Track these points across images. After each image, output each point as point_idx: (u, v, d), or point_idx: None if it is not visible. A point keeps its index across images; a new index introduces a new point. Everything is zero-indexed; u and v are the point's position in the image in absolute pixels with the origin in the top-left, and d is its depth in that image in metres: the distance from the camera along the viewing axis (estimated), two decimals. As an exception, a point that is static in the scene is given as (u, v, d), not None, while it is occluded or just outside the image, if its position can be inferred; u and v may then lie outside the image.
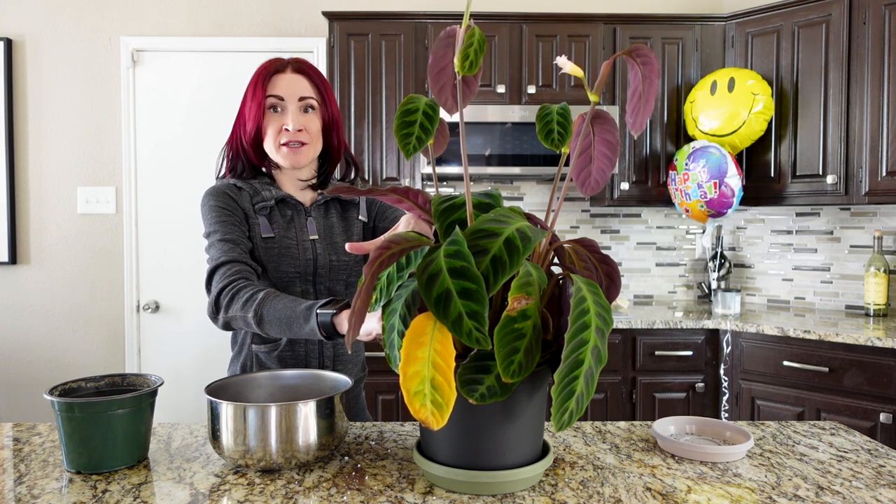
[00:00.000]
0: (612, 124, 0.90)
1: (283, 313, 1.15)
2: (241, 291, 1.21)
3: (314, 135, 1.37)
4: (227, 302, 1.21)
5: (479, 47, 0.86)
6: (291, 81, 1.35)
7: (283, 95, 1.34)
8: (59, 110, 3.14)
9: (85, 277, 3.15)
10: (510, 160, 2.82)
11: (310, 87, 1.36)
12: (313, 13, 3.18)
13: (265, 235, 1.34)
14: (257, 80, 1.35)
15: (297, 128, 1.34)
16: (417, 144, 0.92)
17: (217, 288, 1.23)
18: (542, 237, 0.79)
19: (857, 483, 0.93)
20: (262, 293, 1.19)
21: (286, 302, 1.16)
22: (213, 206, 1.33)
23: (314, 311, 1.11)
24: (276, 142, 1.35)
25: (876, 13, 2.54)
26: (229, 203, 1.34)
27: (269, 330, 1.18)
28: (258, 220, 1.35)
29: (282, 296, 1.19)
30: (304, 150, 1.36)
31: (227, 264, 1.26)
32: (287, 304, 1.16)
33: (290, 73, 1.36)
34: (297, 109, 1.35)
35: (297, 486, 0.91)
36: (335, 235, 1.42)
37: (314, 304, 1.13)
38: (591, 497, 0.88)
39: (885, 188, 2.55)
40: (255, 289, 1.20)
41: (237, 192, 1.37)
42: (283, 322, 1.15)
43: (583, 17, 2.91)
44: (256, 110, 1.34)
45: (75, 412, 0.94)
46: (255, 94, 1.34)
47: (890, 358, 2.26)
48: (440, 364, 0.76)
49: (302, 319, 1.13)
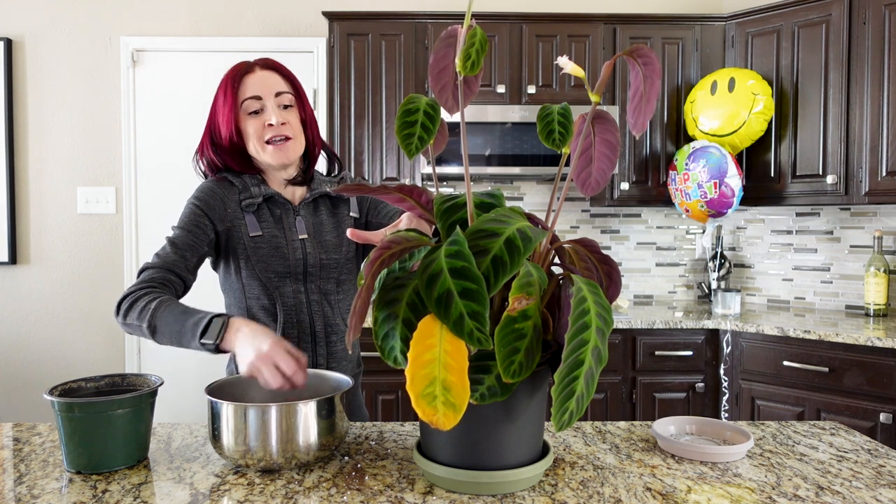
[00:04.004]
0: (612, 124, 0.90)
1: (174, 327, 1.13)
2: (139, 300, 1.18)
3: (297, 129, 1.36)
4: (126, 309, 1.19)
5: (480, 47, 0.86)
6: (264, 78, 1.33)
7: (260, 94, 1.32)
8: (59, 110, 3.13)
9: (85, 277, 3.15)
10: (510, 160, 2.82)
11: (283, 82, 1.35)
12: (313, 13, 3.18)
13: (253, 234, 1.33)
14: (226, 85, 1.32)
15: (281, 121, 1.32)
16: (419, 144, 0.92)
17: (125, 291, 1.21)
18: (542, 237, 0.79)
19: (857, 483, 0.93)
20: (156, 302, 1.16)
21: (176, 314, 1.14)
22: (190, 203, 1.32)
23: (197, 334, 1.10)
24: (260, 141, 1.33)
25: (876, 13, 2.54)
26: (209, 202, 1.32)
27: (162, 341, 1.16)
28: (244, 220, 1.34)
29: (173, 306, 1.16)
30: (290, 144, 1.34)
31: (151, 269, 1.25)
32: (177, 317, 1.14)
33: (259, 71, 1.34)
34: (275, 105, 1.33)
35: (297, 486, 0.91)
36: (325, 234, 1.40)
37: (201, 318, 1.11)
38: (591, 497, 0.88)
39: (885, 188, 2.55)
40: (152, 297, 1.18)
41: (228, 187, 1.35)
42: (174, 335, 1.14)
43: (583, 17, 2.91)
44: (230, 114, 1.31)
45: (75, 412, 0.94)
46: (227, 98, 1.31)
47: (890, 358, 2.26)
48: (452, 364, 0.76)
49: (189, 335, 1.12)
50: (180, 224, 1.32)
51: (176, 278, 1.27)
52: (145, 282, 1.23)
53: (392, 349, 0.82)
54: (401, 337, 0.82)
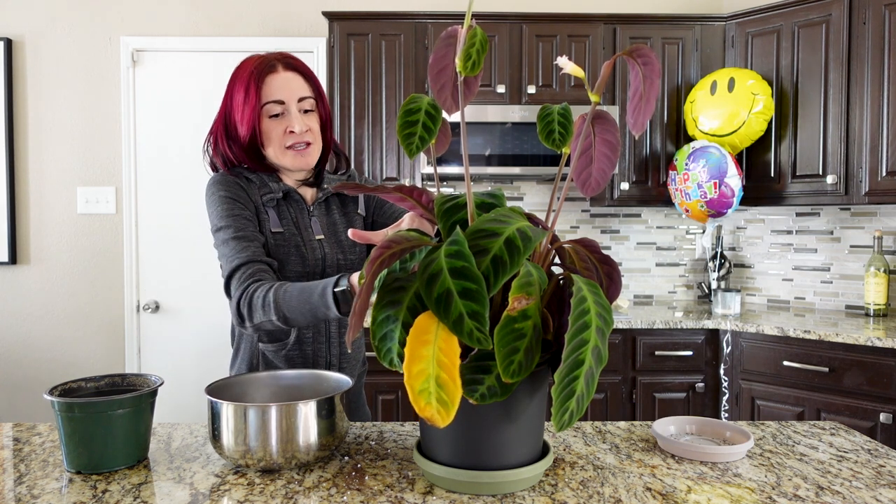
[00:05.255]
0: (612, 124, 0.90)
1: (305, 308, 1.11)
2: (254, 297, 1.16)
3: (317, 134, 1.35)
4: (248, 311, 1.17)
5: (480, 47, 0.86)
6: (287, 81, 1.30)
7: (283, 98, 1.29)
8: (59, 110, 3.13)
9: (85, 277, 3.15)
10: (510, 160, 2.82)
11: (306, 86, 1.33)
12: (313, 13, 3.18)
13: (275, 230, 1.30)
14: (248, 82, 1.28)
15: (303, 129, 1.31)
16: (420, 144, 0.92)
17: (236, 297, 1.19)
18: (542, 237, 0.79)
19: (857, 483, 0.93)
20: (272, 293, 1.14)
21: (296, 294, 1.13)
22: (222, 198, 1.28)
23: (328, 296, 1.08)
24: (280, 146, 1.31)
25: (876, 13, 2.54)
26: (239, 194, 1.29)
27: (296, 324, 1.15)
28: (268, 214, 1.31)
29: (290, 289, 1.14)
30: (310, 150, 1.33)
31: (242, 267, 1.21)
32: (300, 297, 1.12)
33: (282, 71, 1.30)
34: (298, 111, 1.31)
35: (297, 486, 0.91)
36: (339, 233, 1.40)
37: (326, 287, 1.09)
38: (591, 497, 0.88)
39: (885, 188, 2.55)
40: (266, 290, 1.16)
41: (247, 182, 1.32)
42: (306, 314, 1.12)
43: (583, 17, 2.91)
44: (251, 114, 1.28)
45: (75, 412, 0.94)
46: (249, 97, 1.27)
47: (890, 358, 2.26)
48: (445, 362, 0.76)
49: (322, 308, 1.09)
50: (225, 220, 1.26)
51: (265, 266, 1.23)
52: (247, 279, 1.19)
53: (389, 351, 0.82)
54: (399, 340, 0.82)
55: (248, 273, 1.20)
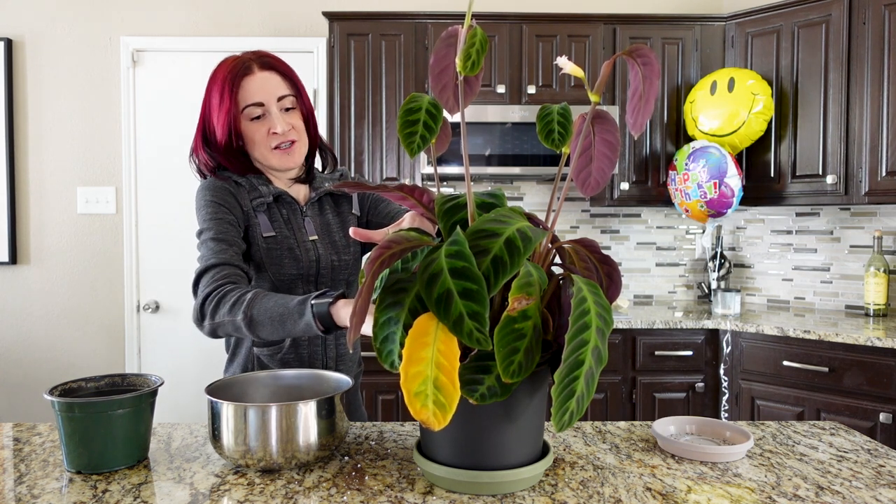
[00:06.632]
0: (612, 124, 0.90)
1: (275, 311, 1.08)
2: (227, 295, 1.13)
3: (301, 131, 1.33)
4: (213, 307, 1.14)
5: (481, 47, 0.86)
6: (265, 81, 1.27)
7: (263, 100, 1.26)
8: (59, 110, 3.13)
9: (85, 278, 3.15)
10: (510, 160, 2.82)
11: (284, 84, 1.30)
12: (313, 13, 3.18)
13: (266, 234, 1.29)
14: (223, 85, 1.26)
15: (286, 129, 1.29)
16: (421, 143, 0.92)
17: (203, 293, 1.16)
18: (542, 237, 0.79)
19: (857, 483, 0.93)
20: (251, 294, 1.12)
21: (276, 299, 1.09)
22: (208, 202, 1.26)
23: (308, 304, 1.05)
24: (266, 148, 1.29)
25: (876, 13, 2.54)
26: (226, 199, 1.28)
27: (260, 331, 1.10)
28: (258, 219, 1.30)
29: (271, 294, 1.12)
30: (295, 147, 1.31)
31: (216, 267, 1.19)
32: (278, 301, 1.09)
33: (258, 72, 1.27)
34: (278, 110, 1.29)
35: (297, 486, 0.91)
36: (333, 234, 1.39)
37: (307, 296, 1.07)
38: (591, 497, 0.88)
39: (885, 188, 2.55)
40: (243, 290, 1.13)
41: (236, 187, 1.31)
42: (276, 320, 1.07)
43: (583, 17, 2.91)
44: (226, 118, 1.25)
45: (75, 412, 0.94)
46: (224, 101, 1.25)
47: (890, 358, 2.26)
48: (444, 364, 0.76)
49: (296, 315, 1.06)
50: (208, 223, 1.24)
51: (240, 272, 1.21)
52: (222, 279, 1.17)
53: (391, 353, 0.82)
54: (401, 342, 0.81)
55: (223, 274, 1.18)
